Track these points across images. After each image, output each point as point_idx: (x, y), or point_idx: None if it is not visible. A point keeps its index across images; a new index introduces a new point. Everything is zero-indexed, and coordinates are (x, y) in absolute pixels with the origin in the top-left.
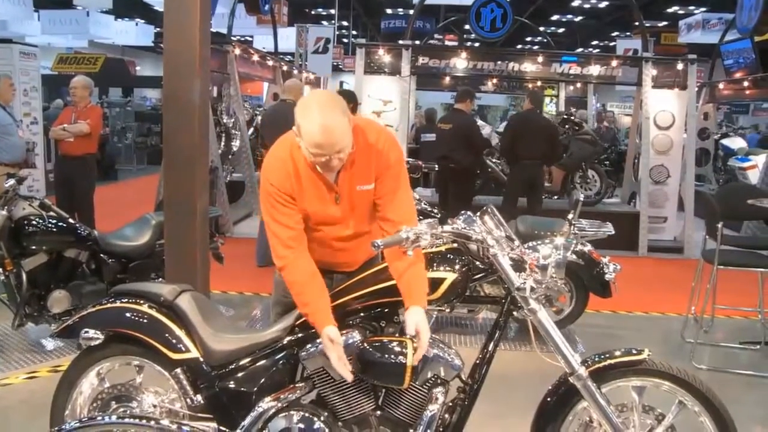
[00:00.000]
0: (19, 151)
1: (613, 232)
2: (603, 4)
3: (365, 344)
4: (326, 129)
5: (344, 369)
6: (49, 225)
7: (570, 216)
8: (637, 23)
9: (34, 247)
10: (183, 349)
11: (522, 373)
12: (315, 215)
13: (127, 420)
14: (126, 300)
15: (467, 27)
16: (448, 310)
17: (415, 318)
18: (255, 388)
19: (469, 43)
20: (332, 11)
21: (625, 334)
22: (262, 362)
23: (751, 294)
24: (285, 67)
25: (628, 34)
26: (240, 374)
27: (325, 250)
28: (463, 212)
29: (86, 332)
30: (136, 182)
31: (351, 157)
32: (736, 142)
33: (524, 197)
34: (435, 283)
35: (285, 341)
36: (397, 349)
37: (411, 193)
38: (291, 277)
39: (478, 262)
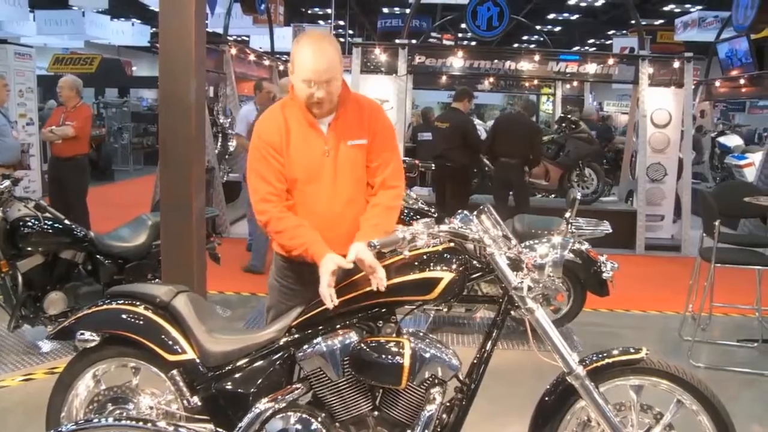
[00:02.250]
0: (14, 152)
1: (611, 231)
2: (599, 3)
3: (362, 344)
4: (316, 54)
5: (328, 295)
6: (45, 226)
7: (567, 215)
8: (633, 21)
9: (29, 249)
10: (179, 350)
11: (520, 373)
12: (304, 170)
13: (123, 422)
14: (122, 301)
15: (464, 26)
16: (445, 310)
17: (355, 248)
18: (252, 389)
19: (465, 42)
20: (329, 10)
21: (623, 333)
22: (259, 363)
23: (749, 292)
24: (281, 67)
25: (624, 32)
26: (237, 375)
27: (317, 220)
28: (459, 211)
29: (82, 334)
30: (133, 183)
31: (342, 111)
32: (732, 140)
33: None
34: (432, 283)
35: (282, 342)
36: (394, 349)
37: (399, 155)
38: (278, 226)
39: (475, 262)
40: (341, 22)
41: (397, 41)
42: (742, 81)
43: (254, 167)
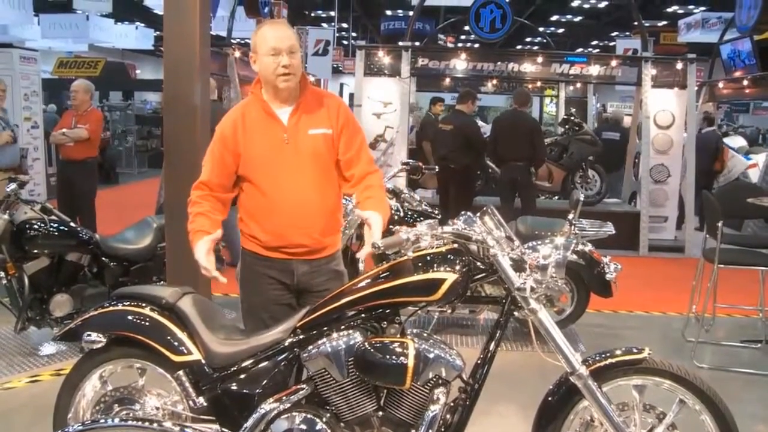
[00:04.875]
0: (6, 155)
1: (614, 232)
2: (602, 4)
3: (366, 345)
4: (276, 27)
5: (206, 273)
6: (51, 229)
7: (570, 216)
8: (636, 23)
9: (36, 251)
10: (185, 351)
11: (523, 373)
12: (263, 159)
13: (129, 422)
14: (128, 303)
15: (467, 28)
16: (449, 311)
17: (373, 216)
18: (257, 390)
19: (468, 45)
20: (332, 13)
21: (626, 334)
22: (264, 364)
23: (752, 292)
24: None
25: (627, 33)
26: (242, 376)
27: (283, 209)
28: (463, 213)
29: (88, 335)
30: (137, 186)
31: (303, 100)
32: (736, 141)
33: (517, 197)
34: (435, 284)
35: (286, 343)
36: (399, 349)
37: (367, 145)
38: (189, 209)
39: (478, 263)
40: (345, 25)
41: (401, 44)
42: (745, 82)
43: (206, 156)
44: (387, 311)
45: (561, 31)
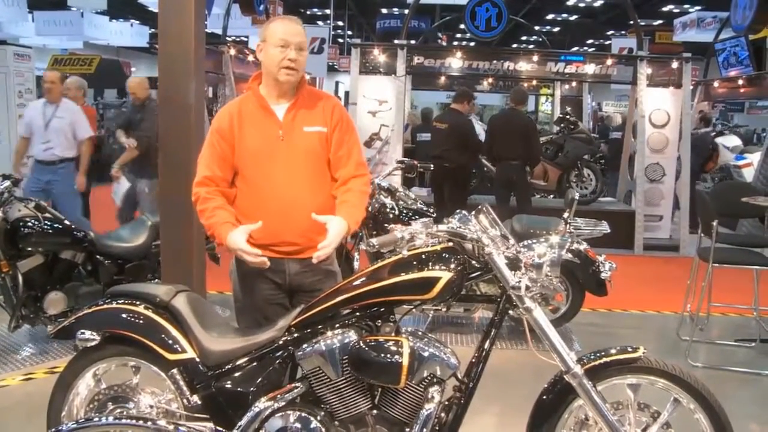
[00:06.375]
0: None
1: (609, 231)
2: (598, 3)
3: (361, 343)
4: (287, 21)
5: (255, 258)
6: (45, 226)
7: (565, 215)
8: (632, 22)
9: (29, 249)
10: (179, 349)
11: (518, 372)
12: (256, 153)
13: (123, 421)
14: (122, 301)
15: (462, 26)
16: (444, 310)
17: (332, 218)
18: (251, 388)
19: (464, 43)
20: (327, 11)
21: (621, 333)
22: (259, 362)
23: (746, 291)
24: None
25: (623, 32)
26: (236, 374)
27: (273, 205)
28: (458, 211)
29: (82, 333)
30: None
31: (300, 97)
32: (731, 140)
33: (512, 196)
34: (430, 282)
35: (281, 341)
36: (393, 348)
37: (360, 146)
38: (202, 206)
39: (473, 261)
40: (340, 23)
41: (396, 42)
42: (740, 81)
43: (203, 152)
44: (382, 310)
45: (557, 29)
